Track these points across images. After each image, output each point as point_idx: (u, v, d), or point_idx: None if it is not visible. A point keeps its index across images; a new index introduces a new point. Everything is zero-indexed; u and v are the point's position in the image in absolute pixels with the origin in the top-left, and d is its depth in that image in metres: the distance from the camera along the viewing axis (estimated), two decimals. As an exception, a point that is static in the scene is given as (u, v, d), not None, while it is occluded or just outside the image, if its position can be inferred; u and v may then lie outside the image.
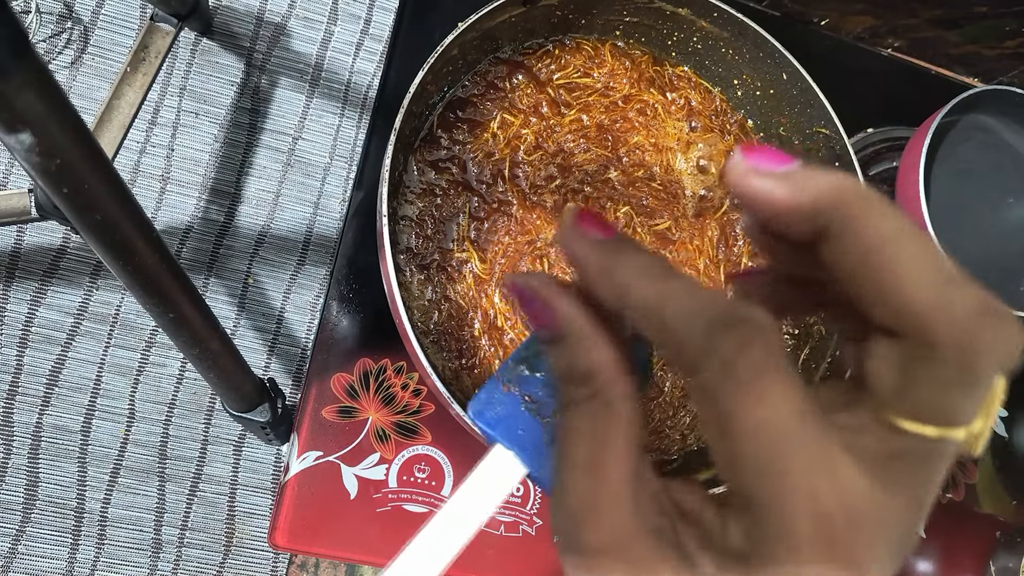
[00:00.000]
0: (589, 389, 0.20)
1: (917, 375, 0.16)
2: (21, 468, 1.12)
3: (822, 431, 0.16)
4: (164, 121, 1.22)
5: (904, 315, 0.16)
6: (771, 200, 0.18)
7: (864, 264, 0.16)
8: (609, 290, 0.19)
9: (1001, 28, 0.79)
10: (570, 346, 0.20)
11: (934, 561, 0.71)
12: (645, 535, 0.19)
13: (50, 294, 1.15)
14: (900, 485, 0.17)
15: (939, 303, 0.16)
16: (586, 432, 0.19)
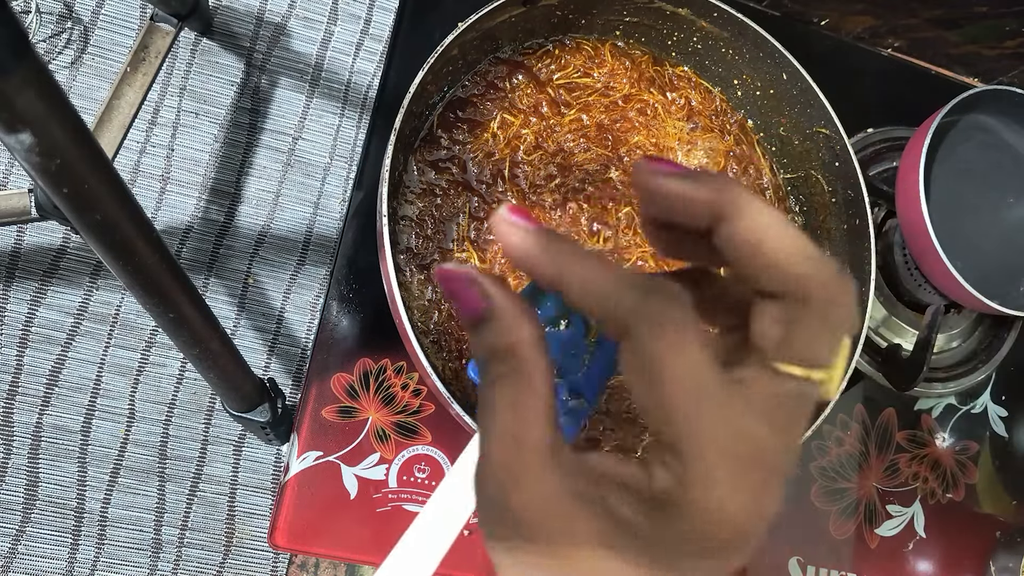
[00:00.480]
0: (510, 365, 0.21)
1: (794, 327, 0.21)
2: (21, 468, 1.12)
3: (727, 379, 0.20)
4: (164, 121, 1.22)
5: (787, 280, 0.20)
6: (679, 194, 0.22)
7: (756, 243, 0.21)
8: (547, 269, 0.22)
9: (1001, 28, 0.79)
10: (493, 326, 0.22)
11: (935, 561, 0.71)
12: (569, 497, 0.20)
13: (50, 294, 1.15)
14: (785, 427, 0.20)
15: (812, 270, 0.20)
16: (507, 405, 0.21)
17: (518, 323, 0.22)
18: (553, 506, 0.20)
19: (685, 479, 0.20)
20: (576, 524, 0.20)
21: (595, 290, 0.21)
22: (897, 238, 0.73)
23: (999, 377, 0.77)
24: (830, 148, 0.62)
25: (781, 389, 0.21)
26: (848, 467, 0.70)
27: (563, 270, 0.21)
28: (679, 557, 0.20)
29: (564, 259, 0.21)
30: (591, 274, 0.21)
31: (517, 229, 0.22)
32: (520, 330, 0.22)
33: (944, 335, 0.75)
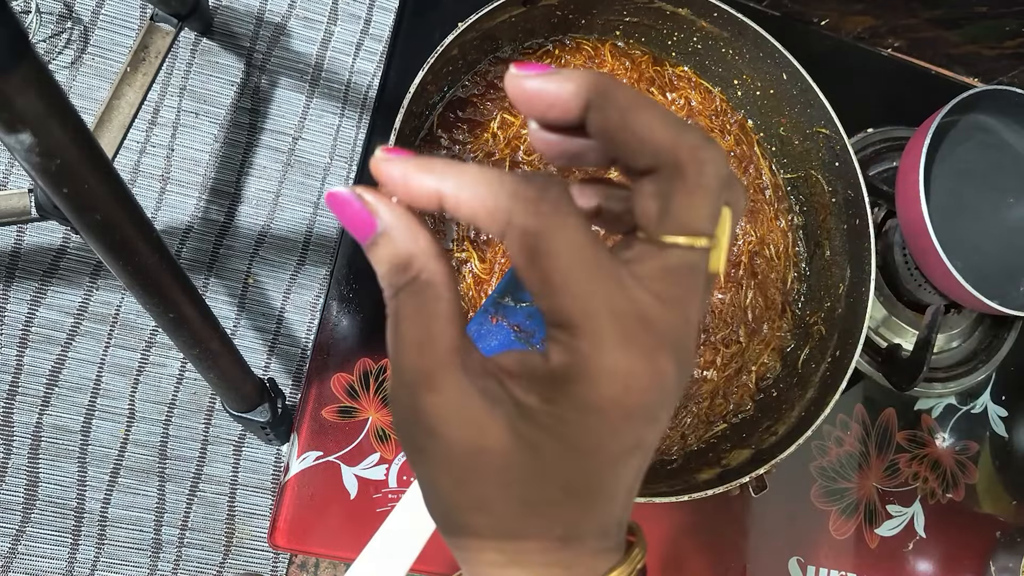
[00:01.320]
0: (409, 275, 0.22)
1: (670, 197, 0.21)
2: (21, 468, 1.12)
3: (611, 257, 0.21)
4: (164, 121, 1.22)
5: (658, 151, 0.21)
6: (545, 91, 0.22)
7: (623, 121, 0.21)
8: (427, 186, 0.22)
9: (1001, 28, 0.79)
10: (387, 239, 0.22)
11: (935, 561, 0.71)
12: (478, 395, 0.21)
13: (50, 294, 1.15)
14: (674, 299, 0.21)
15: (679, 138, 0.21)
16: (411, 312, 0.22)
17: (411, 234, 0.22)
18: (462, 405, 0.21)
19: (574, 347, 0.20)
20: (486, 420, 0.21)
21: (474, 192, 0.21)
22: (897, 238, 0.73)
23: (999, 377, 0.77)
24: (830, 148, 0.62)
25: (666, 261, 0.21)
26: (848, 467, 0.70)
27: (441, 179, 0.21)
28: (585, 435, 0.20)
29: (440, 168, 0.21)
30: (468, 178, 0.21)
31: (393, 160, 0.22)
32: (415, 240, 0.22)
33: (944, 335, 0.75)
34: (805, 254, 0.68)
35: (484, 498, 0.21)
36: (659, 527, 0.65)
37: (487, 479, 0.21)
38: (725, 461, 0.59)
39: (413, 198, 0.22)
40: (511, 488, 0.21)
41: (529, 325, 0.31)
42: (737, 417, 0.64)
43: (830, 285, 0.64)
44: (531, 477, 0.21)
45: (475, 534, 0.22)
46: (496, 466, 0.21)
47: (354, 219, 0.22)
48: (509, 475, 0.21)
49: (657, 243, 0.21)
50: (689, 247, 0.21)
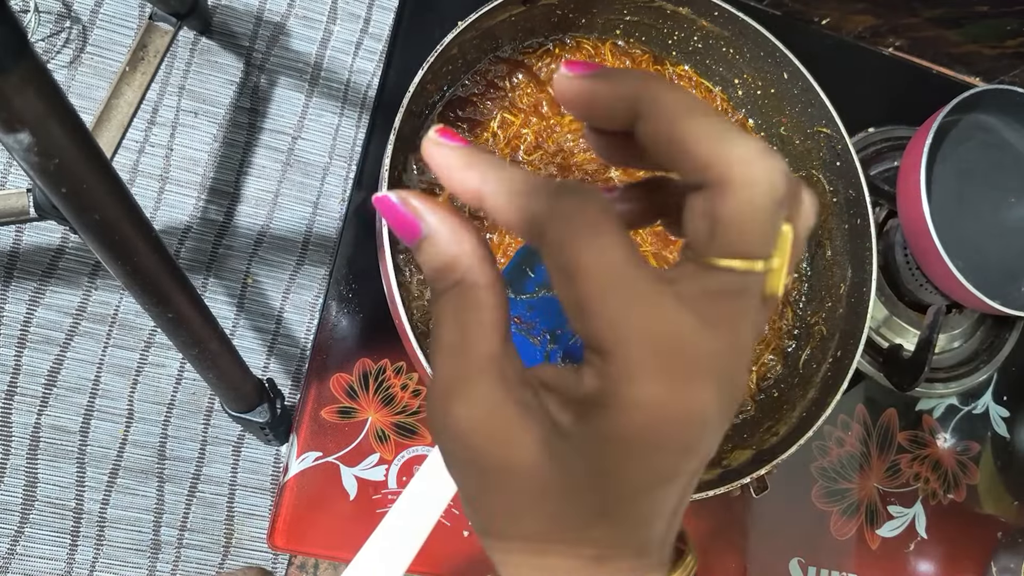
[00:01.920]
0: (452, 278, 0.21)
1: (718, 216, 0.19)
2: (19, 469, 1.12)
3: (652, 276, 0.19)
4: (163, 120, 1.22)
5: (705, 165, 0.19)
6: (594, 93, 0.21)
7: (670, 132, 0.20)
8: (470, 181, 0.22)
9: (1002, 27, 0.79)
10: (431, 242, 0.22)
11: (936, 562, 0.71)
12: (511, 404, 0.20)
13: (49, 294, 1.15)
14: (721, 324, 0.19)
15: (729, 151, 0.19)
16: (451, 316, 0.21)
17: (456, 237, 0.22)
18: (495, 416, 0.20)
19: (605, 373, 0.19)
20: (518, 433, 0.20)
21: (512, 195, 0.21)
22: (898, 238, 0.73)
23: (1000, 377, 0.76)
24: (831, 148, 0.62)
25: (714, 284, 0.20)
26: (849, 468, 0.70)
27: (483, 180, 0.21)
28: (613, 463, 0.19)
29: (485, 168, 0.21)
30: (508, 184, 0.21)
31: (444, 147, 0.22)
32: (459, 244, 0.22)
33: (945, 335, 0.74)
34: (806, 254, 0.68)
35: (513, 510, 0.21)
36: (660, 528, 0.65)
37: (516, 493, 0.20)
38: (726, 461, 0.59)
39: (455, 191, 0.22)
40: (542, 504, 0.20)
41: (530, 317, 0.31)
42: (738, 417, 0.63)
43: (831, 285, 0.64)
44: (562, 495, 0.20)
45: (508, 540, 0.22)
46: (526, 481, 0.20)
47: (401, 222, 0.22)
48: (539, 491, 0.20)
49: (705, 265, 0.20)
50: (739, 271, 0.20)
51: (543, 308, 0.29)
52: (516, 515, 0.21)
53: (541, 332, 0.30)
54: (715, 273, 0.20)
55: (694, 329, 0.19)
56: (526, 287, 0.30)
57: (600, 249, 0.19)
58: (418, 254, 0.22)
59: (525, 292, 0.31)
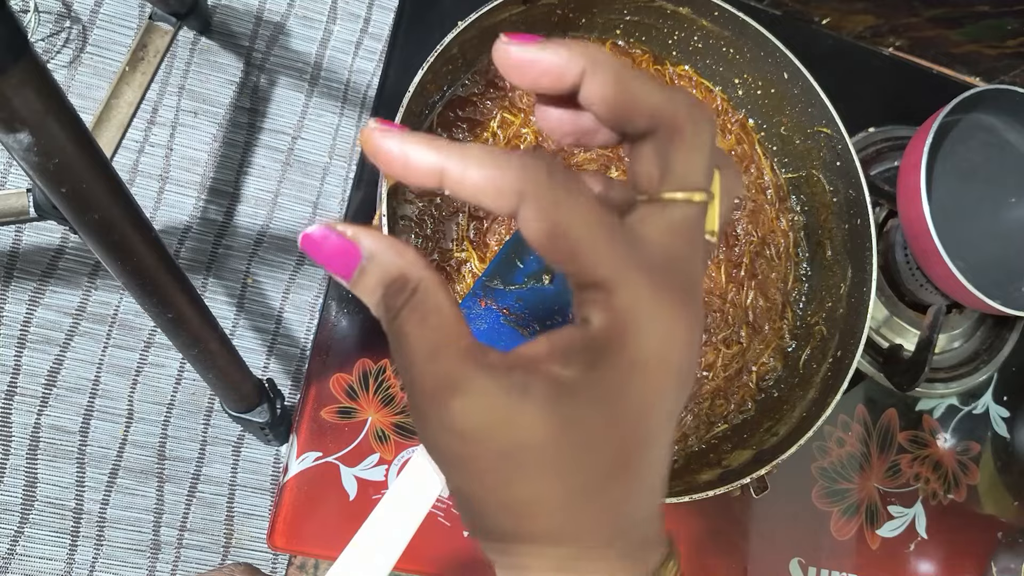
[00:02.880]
0: (407, 290, 0.21)
1: (669, 155, 0.22)
2: (19, 469, 1.12)
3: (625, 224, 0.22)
4: (163, 120, 1.22)
5: (654, 112, 0.22)
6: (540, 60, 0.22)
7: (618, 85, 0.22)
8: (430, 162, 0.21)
9: (1003, 27, 0.79)
10: (375, 263, 0.22)
11: (936, 562, 0.71)
12: (507, 386, 0.20)
13: (48, 294, 1.15)
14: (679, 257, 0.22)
15: (674, 99, 0.22)
16: (416, 326, 0.21)
17: (397, 249, 0.22)
18: (491, 402, 0.20)
19: (612, 304, 0.20)
20: (518, 412, 0.20)
21: (481, 169, 0.21)
22: (899, 238, 0.73)
23: (1001, 377, 0.76)
24: (831, 147, 0.62)
25: (669, 218, 0.22)
26: (849, 468, 0.70)
27: (445, 160, 0.21)
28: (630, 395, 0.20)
29: (444, 148, 0.21)
30: (474, 156, 0.21)
31: (390, 133, 0.22)
32: (403, 255, 0.21)
33: (946, 335, 0.74)
34: (806, 254, 0.68)
35: (529, 497, 0.21)
36: (660, 528, 0.65)
37: (529, 474, 0.20)
38: (726, 462, 0.59)
39: (410, 173, 0.21)
40: (555, 479, 0.20)
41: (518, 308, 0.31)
42: (738, 418, 0.63)
43: (831, 285, 0.64)
44: (573, 459, 0.20)
45: (522, 541, 0.21)
46: (536, 458, 0.20)
47: (335, 253, 0.22)
48: (551, 464, 0.20)
49: (659, 201, 0.22)
50: (688, 201, 0.22)
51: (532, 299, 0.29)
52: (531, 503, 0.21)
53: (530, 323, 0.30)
54: (668, 209, 0.22)
55: (676, 254, 0.22)
56: (515, 278, 0.30)
57: (580, 199, 0.21)
58: (360, 281, 0.22)
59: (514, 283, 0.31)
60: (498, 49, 0.22)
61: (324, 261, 0.22)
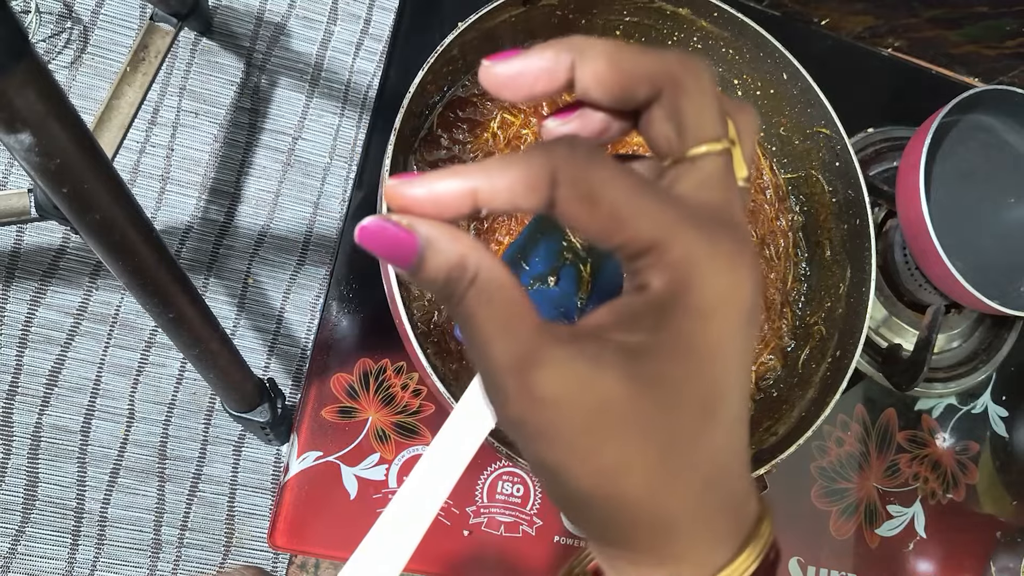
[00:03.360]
0: (468, 276, 0.21)
1: (680, 111, 0.22)
2: (21, 468, 1.12)
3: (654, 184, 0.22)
4: (164, 121, 1.22)
5: (653, 74, 0.22)
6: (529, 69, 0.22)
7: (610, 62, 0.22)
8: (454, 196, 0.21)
9: (1001, 28, 0.79)
10: (434, 250, 0.21)
11: (935, 561, 0.71)
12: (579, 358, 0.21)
13: (50, 294, 1.15)
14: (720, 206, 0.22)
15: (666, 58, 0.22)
16: (484, 309, 0.21)
17: (454, 235, 0.21)
18: (572, 370, 0.20)
19: (669, 262, 0.21)
20: (598, 378, 0.20)
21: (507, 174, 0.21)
22: (897, 238, 0.73)
23: (999, 377, 0.77)
24: (830, 148, 0.62)
25: (700, 173, 0.22)
26: (848, 467, 0.70)
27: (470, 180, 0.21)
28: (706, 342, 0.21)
29: (463, 171, 0.21)
30: (495, 166, 0.21)
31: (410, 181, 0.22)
32: (460, 240, 0.21)
33: (944, 335, 0.75)
34: (805, 254, 0.68)
35: (620, 459, 0.21)
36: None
37: (618, 435, 0.21)
38: (725, 461, 0.59)
39: (444, 207, 0.22)
40: (642, 439, 0.21)
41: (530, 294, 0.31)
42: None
43: (830, 285, 0.64)
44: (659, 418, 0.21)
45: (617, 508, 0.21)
46: (622, 419, 0.20)
47: (394, 244, 0.22)
48: (637, 424, 0.21)
49: (685, 160, 0.22)
50: (711, 153, 0.22)
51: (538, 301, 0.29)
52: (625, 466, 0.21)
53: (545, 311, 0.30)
54: (698, 163, 0.22)
55: (716, 205, 0.22)
56: (521, 280, 0.30)
57: (611, 167, 0.21)
58: (421, 269, 0.22)
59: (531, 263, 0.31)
60: (484, 74, 0.23)
61: (383, 252, 0.22)
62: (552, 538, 0.62)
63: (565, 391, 0.20)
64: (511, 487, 0.62)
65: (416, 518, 0.28)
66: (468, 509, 0.61)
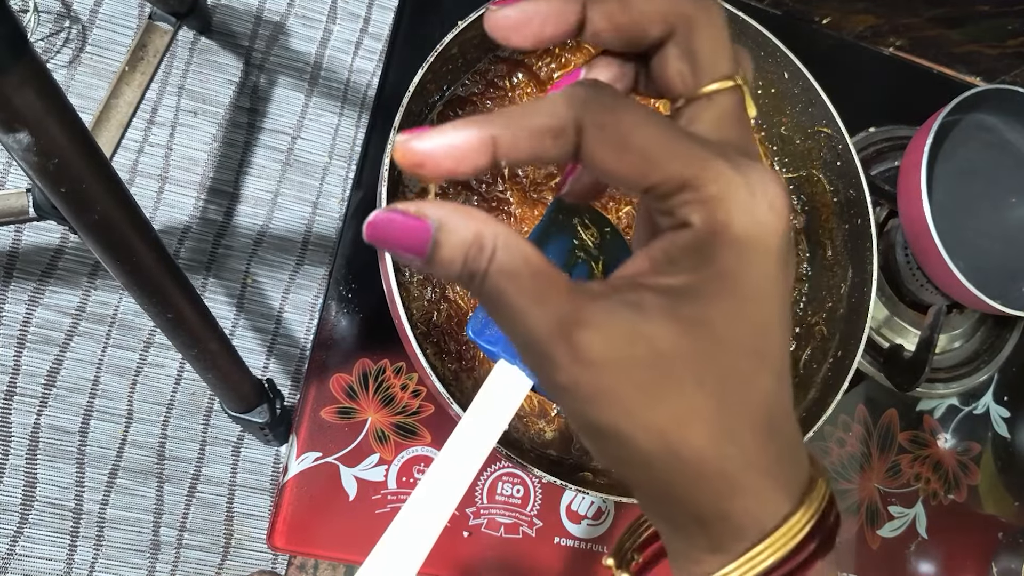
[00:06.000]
0: (487, 253, 0.20)
1: (694, 48, 0.22)
2: (19, 469, 1.12)
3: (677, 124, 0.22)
4: (162, 120, 1.22)
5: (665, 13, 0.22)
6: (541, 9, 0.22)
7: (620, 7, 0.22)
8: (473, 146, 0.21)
9: (1003, 27, 0.79)
10: (447, 231, 0.20)
11: (937, 562, 0.71)
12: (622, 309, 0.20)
13: (48, 294, 1.15)
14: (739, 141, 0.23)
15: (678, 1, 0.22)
16: (510, 281, 0.20)
17: (466, 213, 0.20)
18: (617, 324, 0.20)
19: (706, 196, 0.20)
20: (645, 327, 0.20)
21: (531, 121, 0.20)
22: (899, 238, 0.73)
23: (1001, 378, 0.76)
24: (832, 147, 0.62)
25: (716, 109, 0.22)
26: (849, 468, 0.70)
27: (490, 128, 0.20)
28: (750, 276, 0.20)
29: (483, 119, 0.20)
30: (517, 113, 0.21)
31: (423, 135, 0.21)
32: (473, 218, 0.20)
33: (946, 335, 0.74)
34: (807, 254, 0.68)
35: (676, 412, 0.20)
36: (660, 528, 0.65)
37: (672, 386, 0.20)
38: (727, 462, 0.59)
39: (460, 160, 0.20)
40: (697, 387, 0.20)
41: None
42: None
43: (832, 285, 0.64)
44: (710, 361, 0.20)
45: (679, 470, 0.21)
46: (674, 367, 0.20)
47: (405, 232, 0.21)
48: (690, 371, 0.20)
49: (700, 97, 0.22)
50: (726, 88, 0.22)
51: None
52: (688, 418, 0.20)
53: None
54: (714, 99, 0.22)
55: (736, 139, 0.22)
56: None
57: (636, 109, 0.20)
58: (437, 253, 0.20)
59: None
60: (490, 18, 0.22)
61: (394, 244, 0.21)
62: (552, 539, 0.62)
63: (614, 347, 0.20)
64: (511, 488, 0.62)
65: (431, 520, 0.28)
66: (468, 510, 0.60)
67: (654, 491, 0.22)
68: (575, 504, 0.63)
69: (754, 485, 0.21)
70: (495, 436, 0.28)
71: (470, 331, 0.29)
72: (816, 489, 0.22)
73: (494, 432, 0.28)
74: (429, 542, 0.29)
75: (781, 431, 0.22)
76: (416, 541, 0.28)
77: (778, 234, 0.21)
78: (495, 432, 0.28)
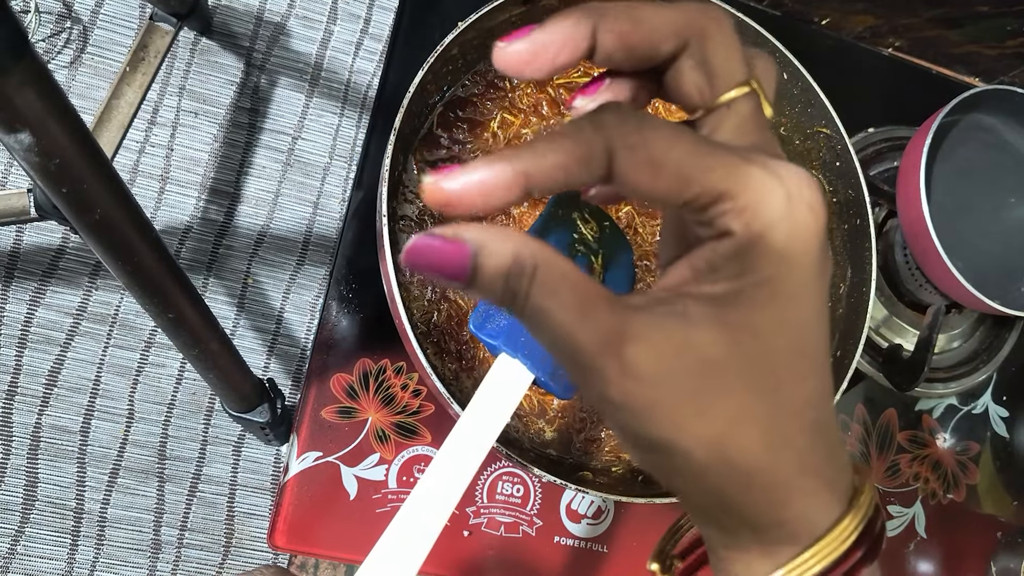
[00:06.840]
0: (527, 268, 0.20)
1: (708, 58, 0.22)
2: (20, 468, 1.12)
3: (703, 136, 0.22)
4: (163, 121, 1.22)
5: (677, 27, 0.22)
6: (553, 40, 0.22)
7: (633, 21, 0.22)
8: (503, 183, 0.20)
9: (1002, 28, 0.79)
10: (487, 252, 0.20)
11: (935, 562, 0.71)
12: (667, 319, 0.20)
13: (49, 294, 1.15)
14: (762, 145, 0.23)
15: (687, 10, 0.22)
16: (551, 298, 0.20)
17: (502, 233, 0.20)
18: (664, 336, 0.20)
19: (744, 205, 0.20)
20: (691, 336, 0.20)
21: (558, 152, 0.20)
22: (898, 238, 0.73)
23: (1000, 377, 0.77)
24: (831, 148, 0.62)
25: (736, 117, 0.23)
26: (849, 467, 0.70)
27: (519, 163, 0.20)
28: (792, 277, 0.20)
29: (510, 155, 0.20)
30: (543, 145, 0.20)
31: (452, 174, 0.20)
32: (509, 237, 0.20)
33: (945, 335, 0.74)
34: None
35: (728, 418, 0.20)
36: (660, 528, 0.65)
37: (721, 394, 0.20)
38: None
39: (492, 196, 0.20)
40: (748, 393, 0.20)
41: None
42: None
43: (831, 285, 0.64)
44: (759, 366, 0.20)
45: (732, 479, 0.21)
46: (723, 375, 0.20)
47: (445, 258, 0.20)
48: (739, 377, 0.20)
49: (719, 107, 0.23)
50: (743, 95, 0.23)
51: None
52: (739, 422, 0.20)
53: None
54: (733, 106, 0.23)
55: (760, 143, 0.23)
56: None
57: (668, 129, 0.21)
58: (478, 276, 0.20)
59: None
60: (500, 56, 0.22)
61: (435, 269, 0.20)
62: (552, 538, 0.62)
63: (664, 360, 0.20)
64: (511, 487, 0.62)
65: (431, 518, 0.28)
66: (468, 509, 0.61)
67: (706, 501, 0.22)
68: (575, 503, 0.63)
69: (807, 488, 0.22)
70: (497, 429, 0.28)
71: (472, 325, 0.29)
72: (864, 494, 0.23)
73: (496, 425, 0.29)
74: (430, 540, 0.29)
75: (827, 429, 0.22)
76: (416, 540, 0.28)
77: (817, 234, 0.21)
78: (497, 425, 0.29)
